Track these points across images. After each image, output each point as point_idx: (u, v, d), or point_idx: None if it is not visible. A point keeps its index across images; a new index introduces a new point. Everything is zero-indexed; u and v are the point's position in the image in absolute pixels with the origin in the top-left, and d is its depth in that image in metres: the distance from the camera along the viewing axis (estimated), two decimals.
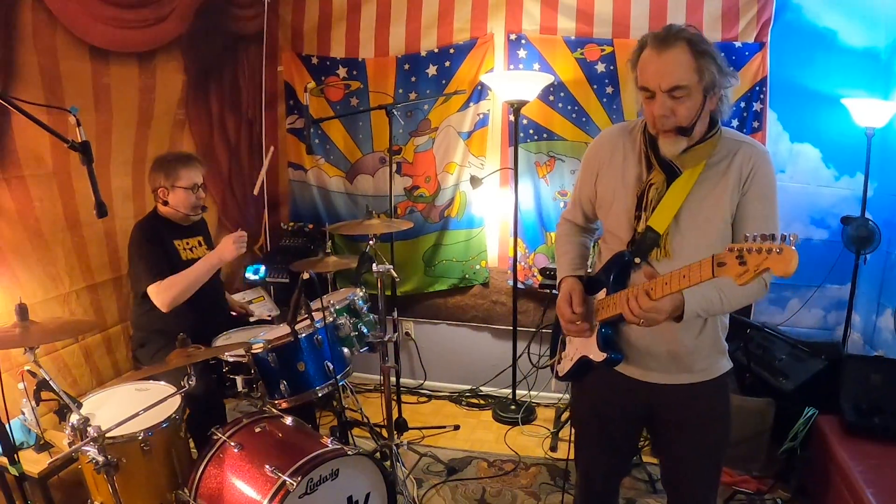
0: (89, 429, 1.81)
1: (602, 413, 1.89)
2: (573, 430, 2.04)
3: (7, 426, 2.01)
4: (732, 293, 1.62)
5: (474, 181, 3.77)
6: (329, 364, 2.50)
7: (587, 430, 1.98)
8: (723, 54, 1.60)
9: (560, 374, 1.93)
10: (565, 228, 2.02)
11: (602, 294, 1.76)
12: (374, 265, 2.65)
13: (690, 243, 1.66)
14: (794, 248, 1.27)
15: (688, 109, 1.56)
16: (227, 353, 2.50)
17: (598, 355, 1.75)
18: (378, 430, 3.34)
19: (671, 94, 1.54)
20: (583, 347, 1.82)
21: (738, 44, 3.38)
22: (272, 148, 3.09)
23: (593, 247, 2.02)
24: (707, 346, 1.74)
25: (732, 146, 1.66)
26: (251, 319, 3.15)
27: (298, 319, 2.38)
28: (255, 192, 3.02)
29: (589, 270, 1.93)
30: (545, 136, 3.72)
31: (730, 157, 1.65)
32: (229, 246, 2.67)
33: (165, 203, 2.73)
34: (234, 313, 3.17)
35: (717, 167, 1.65)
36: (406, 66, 3.85)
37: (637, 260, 1.70)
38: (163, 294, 2.56)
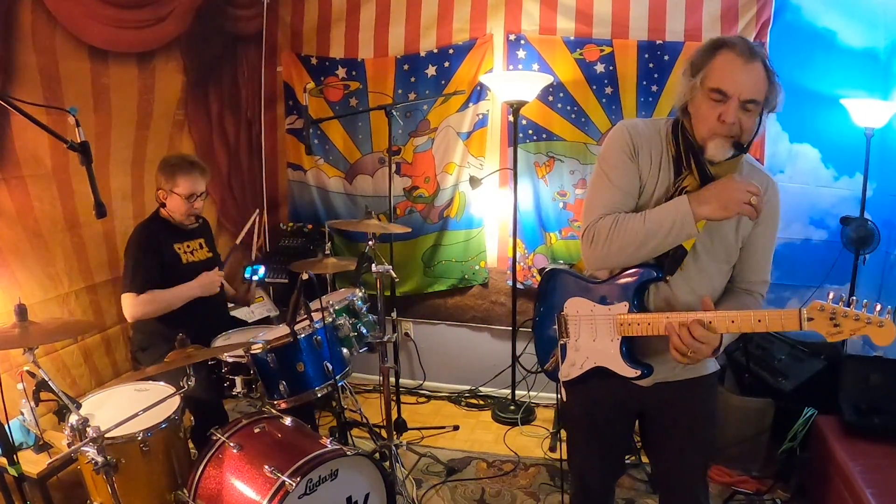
0: (88, 429, 1.81)
1: (593, 412, 1.89)
2: (566, 431, 2.05)
3: (6, 427, 2.01)
4: None
5: (473, 181, 3.77)
6: (328, 364, 2.49)
7: (579, 430, 1.99)
8: None
9: (564, 379, 1.87)
10: (610, 216, 1.65)
11: (623, 309, 1.68)
12: (373, 265, 2.65)
13: (703, 264, 1.66)
14: (892, 321, 1.38)
15: (750, 125, 1.56)
16: (226, 354, 2.50)
17: (627, 371, 1.70)
18: (377, 430, 3.34)
19: (745, 104, 1.53)
20: (598, 358, 1.75)
21: None
22: (258, 210, 3.14)
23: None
24: None
25: (750, 170, 1.67)
26: (249, 320, 3.15)
27: (298, 320, 2.38)
28: (238, 241, 3.04)
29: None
30: (544, 136, 3.72)
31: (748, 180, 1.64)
32: (208, 282, 2.73)
33: (163, 205, 2.73)
34: (234, 314, 3.17)
35: None
36: (405, 67, 3.85)
37: (668, 278, 1.66)
38: (136, 307, 2.56)
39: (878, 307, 1.39)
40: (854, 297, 1.43)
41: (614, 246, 1.61)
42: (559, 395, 1.96)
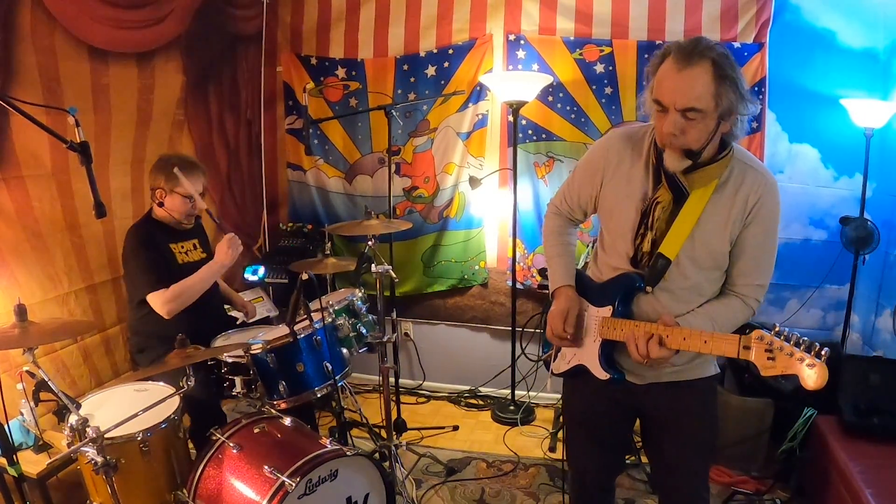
0: (88, 429, 1.80)
1: (592, 410, 1.90)
2: (565, 427, 2.06)
3: (6, 427, 2.01)
4: (724, 323, 1.66)
5: (473, 182, 3.77)
6: (328, 365, 2.49)
7: (578, 428, 2.00)
8: (743, 78, 1.51)
9: (556, 372, 1.94)
10: (558, 224, 1.96)
11: (607, 312, 1.74)
12: (372, 266, 2.65)
13: (692, 272, 1.66)
14: (824, 364, 1.32)
15: (698, 133, 1.50)
16: (225, 354, 2.50)
17: (600, 373, 1.75)
18: (377, 430, 3.34)
19: (685, 113, 1.48)
20: (582, 356, 1.82)
21: (736, 44, 3.38)
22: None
23: (592, 247, 2.03)
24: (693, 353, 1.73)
25: (741, 169, 1.62)
26: (248, 320, 3.15)
27: (297, 320, 2.38)
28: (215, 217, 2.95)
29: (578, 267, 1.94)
30: (544, 136, 3.72)
31: (738, 182, 1.61)
32: (225, 250, 2.63)
33: (161, 204, 2.66)
34: (232, 314, 3.16)
35: (725, 190, 1.62)
36: (405, 67, 3.85)
37: (649, 289, 1.68)
38: (169, 304, 2.51)
39: (817, 348, 1.33)
40: (795, 334, 1.37)
41: (543, 240, 2.00)
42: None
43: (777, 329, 1.39)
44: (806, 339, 1.35)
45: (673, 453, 1.82)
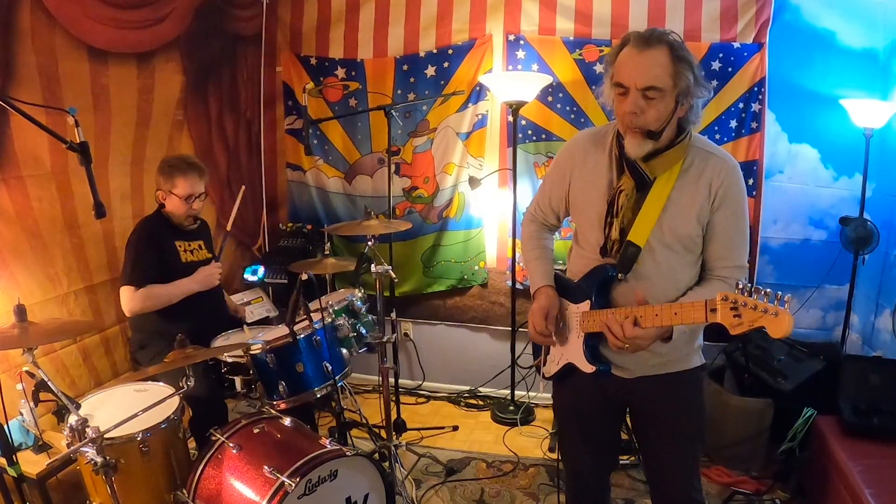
0: (88, 429, 1.81)
1: (582, 409, 1.93)
2: (557, 427, 2.07)
3: (6, 427, 2.01)
4: None
5: (473, 182, 3.77)
6: (327, 365, 2.49)
7: (569, 426, 2.02)
8: (699, 64, 1.62)
9: (546, 376, 1.97)
10: (534, 230, 2.03)
11: (586, 306, 1.78)
12: (372, 266, 2.65)
13: (665, 257, 1.70)
14: (788, 311, 1.33)
15: (658, 112, 1.58)
16: (225, 354, 2.50)
17: (586, 367, 1.78)
18: (377, 430, 3.34)
19: (645, 93, 1.56)
20: (568, 354, 1.85)
21: (736, 44, 3.38)
22: (243, 187, 3.12)
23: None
24: (682, 343, 1.75)
25: (703, 156, 1.69)
26: (247, 321, 3.15)
27: (297, 320, 2.38)
28: (228, 227, 3.01)
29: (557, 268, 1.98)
30: (544, 136, 3.72)
31: (700, 168, 1.68)
32: (205, 275, 2.73)
33: (162, 205, 2.75)
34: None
35: (688, 176, 1.68)
36: (405, 67, 3.85)
37: (620, 276, 1.72)
38: (134, 301, 2.56)
39: (780, 296, 1.35)
40: (758, 287, 1.39)
41: (521, 247, 1.98)
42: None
43: (740, 286, 1.41)
44: (769, 290, 1.37)
45: (661, 444, 1.85)
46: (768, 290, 1.37)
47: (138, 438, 2.06)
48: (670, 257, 1.71)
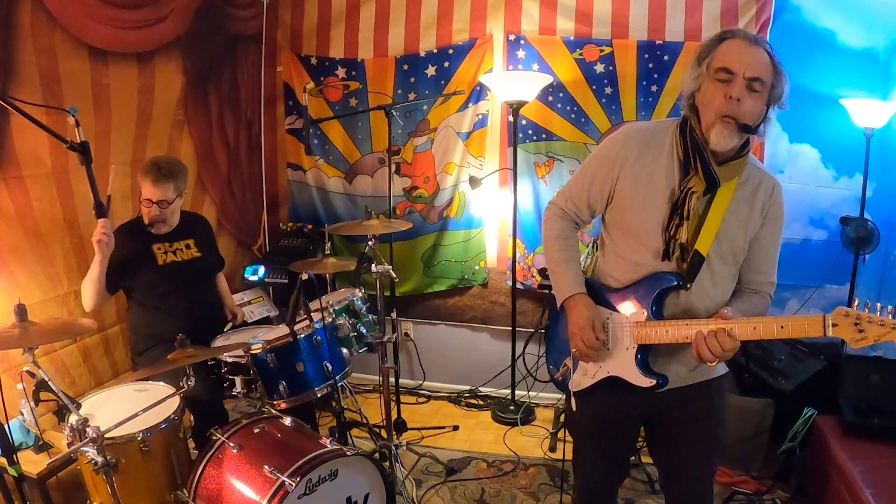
0: (88, 429, 1.80)
1: (604, 419, 1.85)
2: (573, 437, 2.00)
3: (6, 427, 2.01)
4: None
5: (473, 182, 3.77)
6: (328, 365, 2.49)
7: (589, 440, 1.94)
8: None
9: (577, 389, 1.83)
10: (563, 228, 1.85)
11: (640, 316, 1.68)
12: (373, 265, 2.65)
13: (720, 269, 1.68)
14: None
15: (755, 108, 1.57)
16: (226, 354, 2.50)
17: (642, 381, 1.68)
18: (377, 430, 3.34)
19: (751, 83, 1.55)
20: (612, 368, 1.73)
21: None
22: (113, 165, 2.98)
23: (593, 247, 2.00)
24: None
25: (756, 173, 1.70)
26: (248, 321, 3.15)
27: (297, 320, 2.38)
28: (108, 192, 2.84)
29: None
30: (544, 136, 3.72)
31: (755, 184, 1.68)
32: (96, 236, 2.39)
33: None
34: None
35: (744, 190, 1.67)
36: (405, 67, 3.85)
37: (689, 286, 1.66)
38: (81, 295, 2.53)
39: (892, 310, 1.40)
40: (879, 304, 1.43)
41: (545, 245, 1.89)
42: (568, 404, 1.89)
43: (857, 302, 1.45)
44: (890, 307, 1.42)
45: (684, 453, 1.81)
46: (890, 306, 1.42)
47: (139, 438, 2.06)
48: (723, 269, 1.68)
